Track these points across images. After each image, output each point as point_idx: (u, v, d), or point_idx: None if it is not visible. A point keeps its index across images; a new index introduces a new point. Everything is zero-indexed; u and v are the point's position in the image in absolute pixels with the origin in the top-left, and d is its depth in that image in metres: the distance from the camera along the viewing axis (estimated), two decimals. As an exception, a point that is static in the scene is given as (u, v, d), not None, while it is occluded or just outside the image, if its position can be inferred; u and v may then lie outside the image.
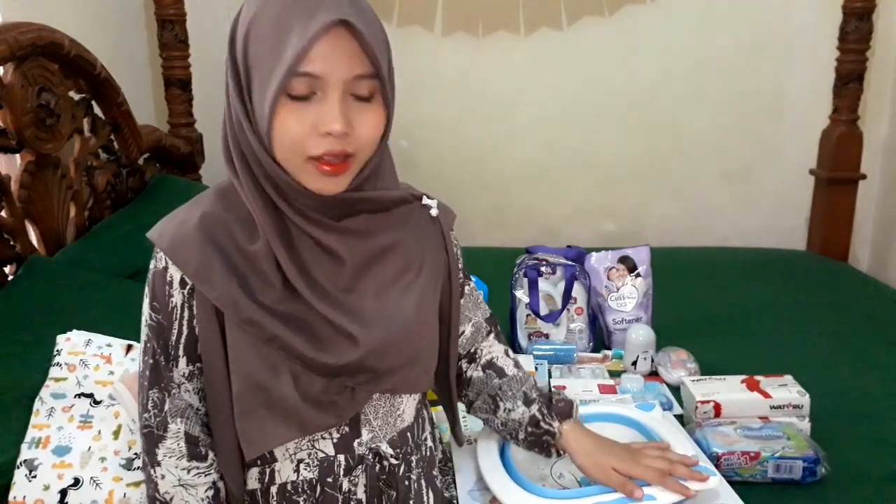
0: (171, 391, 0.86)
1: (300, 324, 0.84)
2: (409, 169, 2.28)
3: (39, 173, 1.49)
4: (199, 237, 0.83)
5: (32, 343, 1.20)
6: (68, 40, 1.55)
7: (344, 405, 0.88)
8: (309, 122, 0.77)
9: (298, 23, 0.75)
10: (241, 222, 0.85)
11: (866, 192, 2.36)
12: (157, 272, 0.86)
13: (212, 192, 0.88)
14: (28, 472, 1.03)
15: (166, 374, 0.86)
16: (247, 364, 0.84)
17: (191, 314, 0.85)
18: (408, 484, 0.94)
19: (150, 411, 0.86)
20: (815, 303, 1.90)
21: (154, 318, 0.86)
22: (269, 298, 0.84)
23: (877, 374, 1.53)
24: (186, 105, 2.21)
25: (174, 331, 0.86)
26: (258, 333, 0.83)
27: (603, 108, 2.46)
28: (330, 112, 0.77)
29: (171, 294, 0.85)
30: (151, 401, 0.86)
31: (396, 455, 0.93)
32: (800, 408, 1.27)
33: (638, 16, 2.37)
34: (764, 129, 2.47)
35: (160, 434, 0.86)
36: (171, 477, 0.86)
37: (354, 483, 0.91)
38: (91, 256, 1.52)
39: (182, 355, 0.86)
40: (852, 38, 2.15)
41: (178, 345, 0.86)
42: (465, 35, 2.42)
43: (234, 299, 0.82)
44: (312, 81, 0.76)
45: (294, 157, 0.79)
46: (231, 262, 0.83)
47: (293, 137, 0.78)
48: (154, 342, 0.86)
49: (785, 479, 1.16)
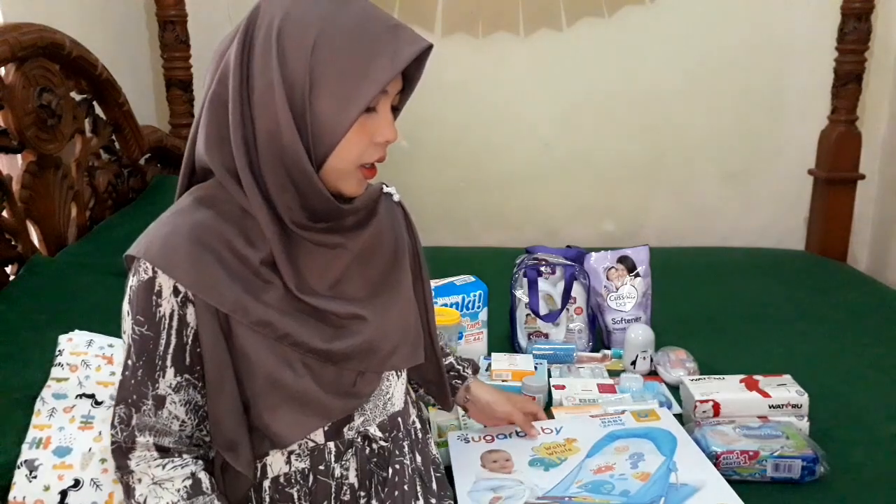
0: (140, 407, 0.85)
1: (306, 319, 0.86)
2: (409, 169, 2.30)
3: (41, 173, 1.49)
4: (194, 247, 0.82)
5: (34, 343, 1.20)
6: (69, 41, 1.56)
7: (361, 387, 0.92)
8: (368, 133, 0.84)
9: (386, 40, 0.80)
10: (236, 229, 0.85)
11: (865, 193, 2.36)
12: (140, 285, 0.83)
13: (192, 202, 0.86)
14: (28, 473, 1.03)
15: (140, 388, 0.84)
16: (263, 363, 0.85)
17: (181, 324, 0.84)
18: (400, 468, 0.95)
19: (117, 427, 0.85)
20: (813, 303, 1.91)
21: (137, 331, 0.84)
22: (273, 299, 0.85)
23: (875, 373, 1.53)
24: (187, 105, 2.21)
25: (161, 341, 0.84)
26: (270, 332, 0.84)
27: (602, 109, 2.46)
28: (388, 123, 0.85)
29: (159, 304, 0.83)
30: (118, 416, 0.85)
31: (385, 438, 0.95)
32: (799, 407, 1.28)
33: (638, 16, 2.38)
34: (763, 130, 2.48)
35: (129, 447, 0.85)
36: (146, 479, 0.85)
37: (346, 468, 0.92)
38: (92, 256, 1.52)
39: (170, 366, 0.85)
40: (851, 38, 2.15)
41: (165, 355, 0.84)
42: (465, 35, 2.42)
43: (243, 304, 0.83)
44: (379, 96, 0.83)
45: (349, 166, 0.85)
46: (230, 268, 0.83)
47: (358, 148, 0.84)
48: (133, 357, 0.84)
49: (784, 479, 1.17)
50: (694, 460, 1.10)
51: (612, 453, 1.13)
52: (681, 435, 1.16)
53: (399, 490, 0.94)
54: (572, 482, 1.06)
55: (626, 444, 1.14)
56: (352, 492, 0.92)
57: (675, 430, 1.18)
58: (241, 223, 0.85)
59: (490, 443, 1.17)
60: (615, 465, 1.09)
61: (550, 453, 1.13)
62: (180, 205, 0.88)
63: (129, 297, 0.85)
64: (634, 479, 1.06)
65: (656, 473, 1.07)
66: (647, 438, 1.15)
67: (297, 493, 0.91)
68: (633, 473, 1.07)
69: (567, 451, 1.13)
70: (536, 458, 1.12)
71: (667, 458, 1.10)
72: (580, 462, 1.11)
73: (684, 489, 1.03)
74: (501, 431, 1.18)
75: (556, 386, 1.43)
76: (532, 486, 1.06)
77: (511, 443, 1.16)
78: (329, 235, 0.88)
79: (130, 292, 0.85)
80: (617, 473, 1.08)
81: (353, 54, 0.79)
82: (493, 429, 1.19)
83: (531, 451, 1.14)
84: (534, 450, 1.14)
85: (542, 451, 1.14)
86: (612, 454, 1.12)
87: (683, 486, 1.04)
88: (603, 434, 1.17)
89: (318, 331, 0.87)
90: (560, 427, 1.20)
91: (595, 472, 1.09)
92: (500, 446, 1.16)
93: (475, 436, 1.18)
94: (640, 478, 1.06)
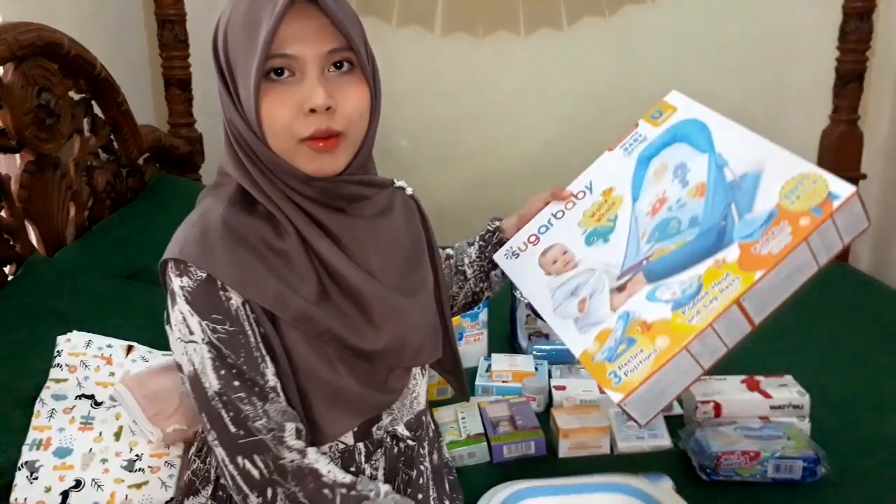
0: (255, 405, 0.81)
1: (341, 313, 0.85)
2: (409, 169, 2.28)
3: (39, 173, 1.49)
4: (230, 245, 0.81)
5: (32, 343, 1.20)
6: (68, 40, 1.55)
7: (392, 383, 0.90)
8: (294, 104, 0.79)
9: (266, 9, 0.77)
10: (265, 221, 0.84)
11: (866, 192, 2.32)
12: (199, 284, 0.80)
13: (219, 200, 0.85)
14: (29, 474, 1.03)
15: (250, 387, 0.81)
16: (305, 360, 0.84)
17: (253, 312, 0.82)
18: (422, 468, 0.95)
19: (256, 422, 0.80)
20: (815, 303, 1.89)
21: (221, 329, 0.80)
22: (309, 293, 0.83)
23: (877, 374, 1.53)
24: (186, 105, 2.21)
25: (249, 332, 0.81)
26: (311, 328, 0.83)
27: (603, 108, 2.46)
28: (309, 88, 0.79)
29: (229, 297, 0.81)
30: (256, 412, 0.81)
31: (413, 436, 0.94)
32: (800, 408, 1.28)
33: (638, 16, 2.37)
34: (764, 129, 2.42)
35: (278, 438, 0.80)
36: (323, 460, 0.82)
37: (375, 468, 0.91)
38: (91, 256, 1.52)
39: (267, 353, 0.83)
40: (852, 38, 2.15)
41: (258, 345, 0.82)
42: (465, 35, 2.41)
43: (284, 299, 0.81)
44: (289, 62, 0.79)
45: (286, 142, 0.81)
46: (267, 262, 0.82)
47: (281, 121, 0.80)
48: (233, 357, 0.80)
49: (785, 479, 1.16)
50: (736, 138, 1.00)
51: (654, 182, 1.02)
52: (704, 115, 1.05)
53: (415, 487, 0.93)
54: (638, 240, 0.98)
55: (662, 162, 1.03)
56: None
57: (696, 112, 1.06)
58: (267, 216, 0.84)
59: (536, 244, 1.06)
60: (666, 194, 1.00)
61: (598, 219, 1.04)
62: (204, 206, 0.86)
63: (186, 299, 0.80)
64: (693, 200, 0.97)
65: (710, 180, 0.97)
66: (677, 142, 1.04)
67: None
68: (689, 193, 0.98)
69: (611, 206, 1.04)
70: (590, 233, 1.03)
71: (710, 154, 0.99)
72: (631, 212, 1.01)
73: (747, 181, 0.94)
74: (538, 224, 1.08)
75: (556, 387, 1.43)
76: (605, 267, 0.98)
77: (555, 232, 1.06)
78: (344, 221, 0.86)
79: (187, 294, 0.80)
80: (673, 203, 0.98)
81: (246, 30, 0.79)
82: (527, 227, 1.09)
83: (578, 227, 1.04)
84: (580, 224, 1.04)
85: (588, 220, 1.04)
86: (656, 183, 1.02)
87: (744, 178, 0.94)
88: (633, 164, 1.07)
89: (353, 326, 0.85)
90: (590, 182, 1.10)
91: (651, 214, 0.99)
92: (548, 241, 1.05)
93: (519, 245, 1.08)
94: (697, 194, 0.97)
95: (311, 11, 0.78)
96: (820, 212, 0.86)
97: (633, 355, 0.87)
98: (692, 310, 0.87)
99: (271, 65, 0.78)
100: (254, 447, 0.80)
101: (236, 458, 0.80)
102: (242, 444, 0.80)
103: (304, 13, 0.78)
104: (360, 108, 0.83)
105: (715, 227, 0.92)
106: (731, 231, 0.90)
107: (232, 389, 0.80)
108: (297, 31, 0.78)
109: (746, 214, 0.91)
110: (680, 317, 0.87)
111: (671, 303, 0.89)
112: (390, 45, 2.31)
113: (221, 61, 0.83)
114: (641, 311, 0.90)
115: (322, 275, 0.85)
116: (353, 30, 0.81)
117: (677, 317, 0.87)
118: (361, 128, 0.84)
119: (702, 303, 0.87)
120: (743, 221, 0.90)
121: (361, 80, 0.83)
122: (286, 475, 0.80)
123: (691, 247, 0.92)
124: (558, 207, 1.09)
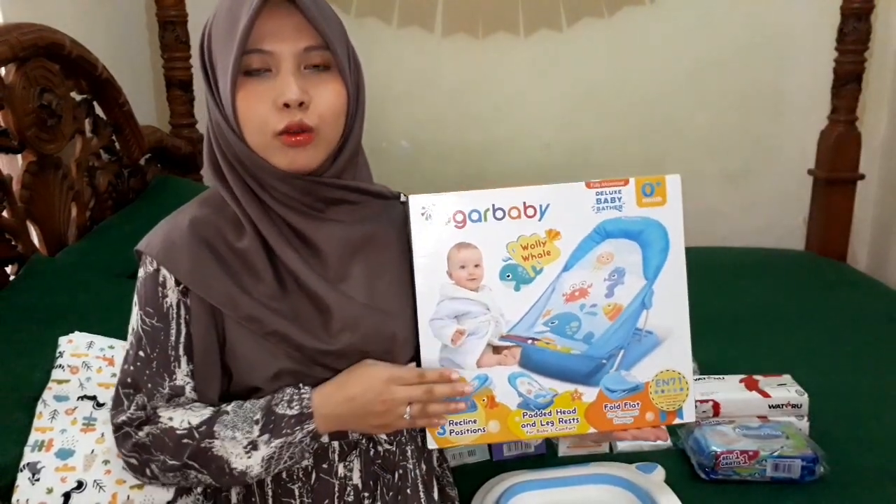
0: (154, 396, 0.87)
1: (294, 315, 0.87)
2: (409, 169, 2.29)
3: (41, 174, 1.49)
4: (191, 241, 0.86)
5: (34, 344, 1.20)
6: (69, 41, 1.56)
7: None
8: (269, 99, 0.82)
9: (244, 6, 0.80)
10: (230, 222, 0.88)
11: (865, 193, 2.36)
12: (147, 276, 0.88)
13: (195, 201, 0.92)
14: (31, 476, 1.03)
15: (154, 379, 0.87)
16: (250, 360, 0.87)
17: (187, 312, 0.87)
18: (404, 472, 0.95)
19: (130, 410, 0.87)
20: (813, 302, 1.91)
21: (148, 322, 0.87)
22: (262, 294, 0.86)
23: (875, 373, 1.54)
24: (188, 106, 2.21)
25: (172, 331, 0.87)
26: (258, 329, 0.86)
27: (603, 109, 2.47)
28: (283, 84, 0.81)
29: (165, 294, 0.87)
30: (135, 404, 0.87)
31: (390, 440, 0.94)
32: (798, 407, 1.28)
33: (637, 16, 2.38)
34: (763, 130, 2.48)
35: (150, 416, 0.87)
36: (169, 411, 0.87)
37: (350, 469, 0.92)
38: (92, 257, 1.52)
39: (183, 355, 0.88)
40: (851, 38, 2.15)
41: (177, 345, 0.87)
42: (465, 36, 2.42)
43: (233, 298, 0.85)
44: (266, 58, 0.81)
45: (262, 137, 0.83)
46: (224, 262, 0.87)
47: (257, 115, 0.82)
48: (147, 349, 0.87)
49: (784, 479, 1.17)
50: (673, 291, 0.96)
51: (592, 266, 0.95)
52: (675, 235, 1.00)
53: (403, 494, 0.94)
54: (540, 313, 0.94)
55: (611, 250, 0.96)
56: (356, 493, 0.92)
57: (672, 223, 1.02)
58: (236, 217, 0.88)
59: (460, 227, 0.94)
60: (591, 288, 0.95)
61: (526, 258, 0.95)
62: (184, 206, 0.92)
63: (137, 289, 0.89)
64: (604, 316, 0.95)
65: (628, 309, 0.94)
66: (638, 241, 0.98)
67: (299, 490, 0.91)
68: (605, 306, 0.95)
69: (545, 255, 0.95)
70: (510, 266, 0.94)
71: (647, 283, 0.96)
72: (555, 279, 0.95)
73: (647, 340, 0.94)
74: (474, 206, 0.97)
75: (556, 386, 1.43)
76: (498, 316, 0.93)
77: (485, 231, 0.94)
78: (312, 224, 0.88)
79: (139, 284, 0.89)
80: (588, 303, 0.95)
81: (226, 30, 0.82)
82: (462, 196, 0.98)
83: (506, 248, 0.94)
84: (509, 247, 0.95)
85: (518, 249, 0.95)
86: (593, 267, 0.95)
87: (647, 336, 0.94)
88: (593, 226, 0.97)
89: (308, 327, 0.87)
90: (547, 206, 0.96)
91: (567, 298, 0.94)
92: (472, 236, 0.94)
93: (442, 213, 0.94)
94: (610, 313, 0.95)
95: (289, 9, 0.81)
96: (664, 417, 0.93)
97: (466, 420, 0.91)
98: (531, 418, 0.92)
99: (248, 61, 0.81)
100: (120, 441, 0.88)
101: (120, 450, 0.89)
102: (116, 437, 0.88)
103: (282, 11, 0.81)
104: (334, 107, 0.85)
105: (596, 360, 0.93)
106: (604, 373, 0.93)
107: (134, 376, 0.87)
108: (273, 28, 0.81)
109: (623, 371, 0.93)
110: (519, 416, 0.92)
111: (522, 399, 0.92)
112: (390, 46, 2.32)
113: (206, 60, 0.86)
114: (497, 386, 0.92)
115: (282, 273, 0.87)
116: (331, 29, 0.83)
117: (517, 415, 0.92)
118: (335, 126, 0.86)
119: (542, 418, 0.93)
120: (617, 374, 0.93)
121: (337, 80, 0.85)
122: (148, 450, 0.85)
123: (569, 361, 0.93)
124: (507, 204, 0.96)
